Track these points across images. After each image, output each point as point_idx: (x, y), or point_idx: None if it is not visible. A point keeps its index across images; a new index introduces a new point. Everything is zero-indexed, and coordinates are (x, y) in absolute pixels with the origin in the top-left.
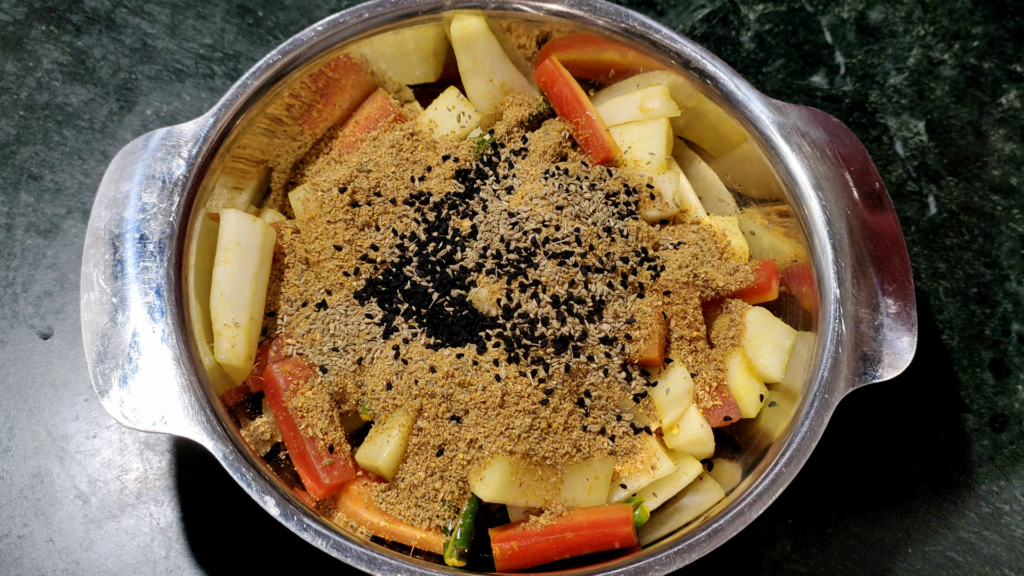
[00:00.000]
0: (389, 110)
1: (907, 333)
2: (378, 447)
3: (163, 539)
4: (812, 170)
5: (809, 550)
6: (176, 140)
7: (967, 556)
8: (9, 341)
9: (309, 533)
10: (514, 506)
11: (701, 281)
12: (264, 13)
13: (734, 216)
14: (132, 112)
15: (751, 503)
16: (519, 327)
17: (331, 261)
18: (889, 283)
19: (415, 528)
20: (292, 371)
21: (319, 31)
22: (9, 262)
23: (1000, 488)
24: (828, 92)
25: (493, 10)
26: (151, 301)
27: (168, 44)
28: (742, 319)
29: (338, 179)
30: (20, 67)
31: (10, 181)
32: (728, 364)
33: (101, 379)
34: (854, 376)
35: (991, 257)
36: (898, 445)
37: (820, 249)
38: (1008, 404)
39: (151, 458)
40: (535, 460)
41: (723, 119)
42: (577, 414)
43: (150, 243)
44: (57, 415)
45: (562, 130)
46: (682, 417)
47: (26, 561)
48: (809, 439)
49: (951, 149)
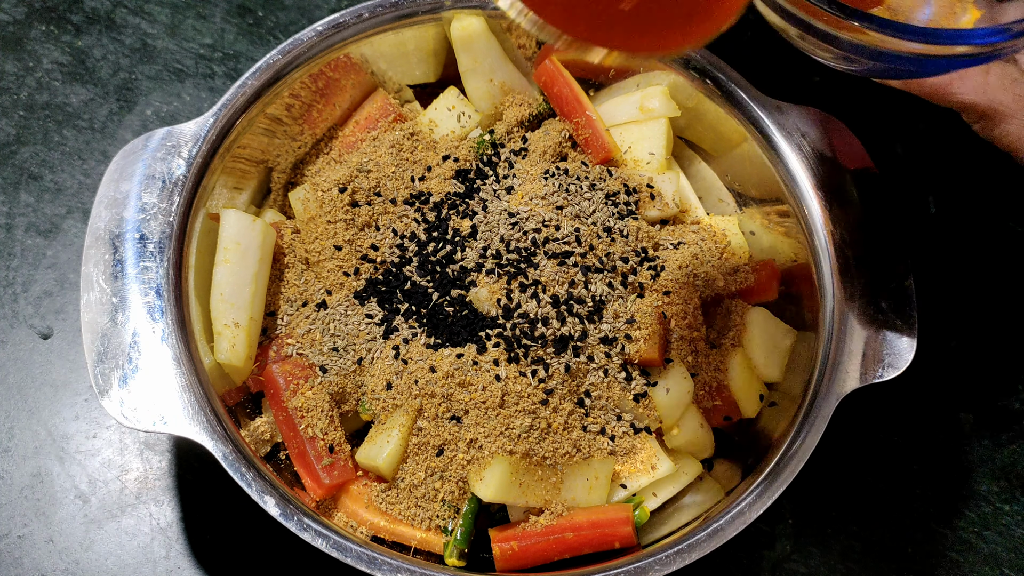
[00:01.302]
0: (389, 110)
1: (907, 333)
2: (378, 447)
3: (163, 539)
4: (812, 170)
5: (809, 550)
6: (176, 140)
7: (967, 556)
8: (9, 341)
9: (309, 533)
10: (514, 506)
11: (701, 281)
12: (264, 13)
13: (734, 216)
14: (132, 112)
15: (751, 503)
16: (519, 327)
17: (331, 261)
18: (889, 283)
19: (415, 528)
20: (292, 371)
21: (319, 31)
22: (9, 262)
23: (1000, 488)
24: (828, 92)
25: (493, 10)
26: (151, 301)
27: (168, 44)
28: (742, 319)
29: (338, 179)
30: (20, 67)
31: (10, 181)
32: (728, 364)
33: (101, 379)
34: (854, 376)
35: (991, 257)
36: (898, 445)
37: (820, 249)
38: (1008, 404)
39: (151, 458)
40: (535, 460)
41: (723, 119)
42: (577, 414)
43: (150, 243)
44: (57, 415)
45: (562, 130)
46: (682, 417)
47: (26, 561)
48: (809, 439)
49: (951, 149)
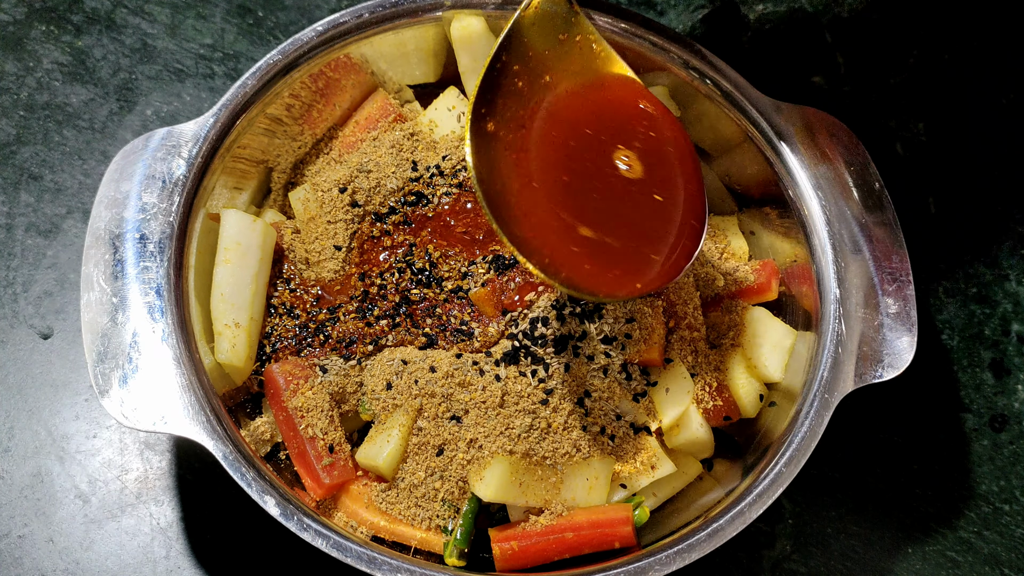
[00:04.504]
0: (389, 110)
1: (907, 333)
2: (378, 447)
3: (163, 539)
4: (812, 170)
5: (809, 550)
6: (176, 140)
7: (967, 556)
8: (9, 341)
9: (309, 533)
10: (514, 506)
11: (701, 281)
12: (264, 13)
13: (734, 216)
14: (132, 112)
15: (751, 503)
16: (519, 327)
17: (331, 261)
18: (889, 283)
19: (415, 528)
20: (292, 371)
21: (319, 31)
22: (9, 262)
23: (1000, 488)
24: (828, 92)
25: (493, 10)
26: (151, 301)
27: (168, 44)
28: (742, 319)
29: (338, 179)
30: (20, 67)
31: (10, 181)
32: (728, 364)
33: (101, 379)
34: (854, 376)
35: (991, 257)
36: (898, 445)
37: (820, 249)
38: (1008, 404)
39: (151, 458)
40: (535, 460)
41: (723, 119)
42: (577, 414)
43: (150, 243)
44: (57, 415)
45: None
46: (682, 417)
47: (26, 561)
48: (809, 439)
49: (951, 149)
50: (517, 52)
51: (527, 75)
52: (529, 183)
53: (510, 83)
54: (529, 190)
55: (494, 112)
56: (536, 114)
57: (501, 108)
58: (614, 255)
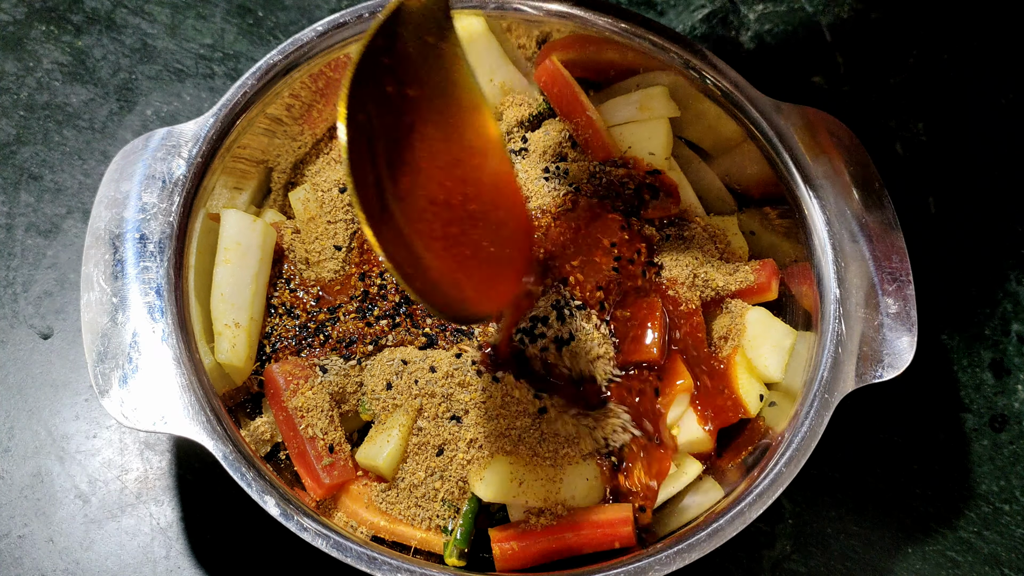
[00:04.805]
0: None
1: (907, 333)
2: (378, 447)
3: (163, 539)
4: (812, 170)
5: (809, 550)
6: (176, 140)
7: (967, 556)
8: (9, 341)
9: (309, 533)
10: (514, 506)
11: (701, 281)
12: (264, 13)
13: (734, 216)
14: (132, 112)
15: (751, 503)
16: (519, 326)
17: (331, 261)
18: (889, 283)
19: (415, 528)
20: (292, 371)
21: (319, 31)
22: (9, 262)
23: (1000, 488)
24: (828, 92)
25: (493, 10)
26: (151, 301)
27: (168, 44)
28: (742, 319)
29: (338, 179)
30: (20, 67)
31: (10, 181)
32: (728, 364)
33: (101, 379)
34: (854, 376)
35: (991, 257)
36: (898, 445)
37: (820, 249)
38: (1008, 404)
39: (151, 458)
40: (535, 460)
41: (723, 119)
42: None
43: (150, 243)
44: (57, 415)
45: (562, 130)
46: (682, 417)
47: (26, 561)
48: (809, 439)
49: (951, 149)
50: (389, 42)
51: (393, 80)
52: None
53: (380, 80)
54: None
55: (367, 112)
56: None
57: (375, 115)
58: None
